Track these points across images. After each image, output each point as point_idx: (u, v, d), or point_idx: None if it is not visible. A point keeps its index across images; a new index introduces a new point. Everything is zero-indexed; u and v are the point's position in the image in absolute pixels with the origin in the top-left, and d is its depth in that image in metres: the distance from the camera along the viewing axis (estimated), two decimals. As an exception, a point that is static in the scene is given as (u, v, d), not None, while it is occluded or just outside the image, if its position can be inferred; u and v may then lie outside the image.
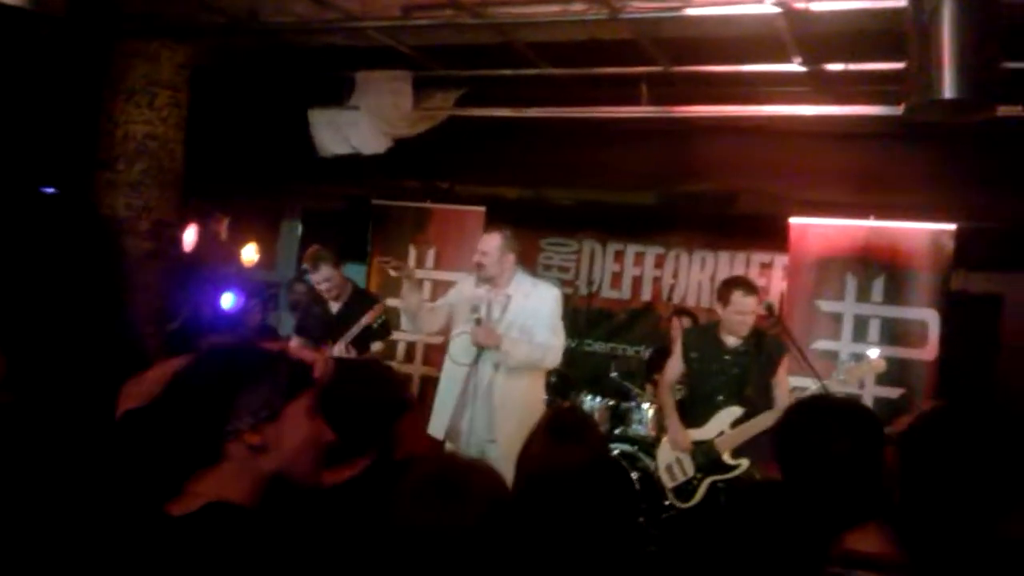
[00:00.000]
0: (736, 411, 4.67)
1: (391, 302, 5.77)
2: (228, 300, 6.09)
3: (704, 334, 4.98)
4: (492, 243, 4.41)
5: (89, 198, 5.48)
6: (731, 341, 4.74)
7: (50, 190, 5.28)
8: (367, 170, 6.67)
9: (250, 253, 7.30)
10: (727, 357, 4.76)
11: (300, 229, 8.80)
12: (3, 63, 5.84)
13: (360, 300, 5.39)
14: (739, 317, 4.65)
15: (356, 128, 6.26)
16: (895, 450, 1.78)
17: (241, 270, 7.17)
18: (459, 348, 4.45)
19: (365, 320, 5.04)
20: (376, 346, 5.35)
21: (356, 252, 7.66)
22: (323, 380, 1.60)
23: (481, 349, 4.30)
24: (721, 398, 4.74)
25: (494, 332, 4.27)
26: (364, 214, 7.45)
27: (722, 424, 4.70)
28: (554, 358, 4.42)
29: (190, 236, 6.11)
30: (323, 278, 5.21)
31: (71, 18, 3.06)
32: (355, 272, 7.88)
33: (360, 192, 7.53)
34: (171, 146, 5.67)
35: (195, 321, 5.84)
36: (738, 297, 4.65)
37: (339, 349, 5.02)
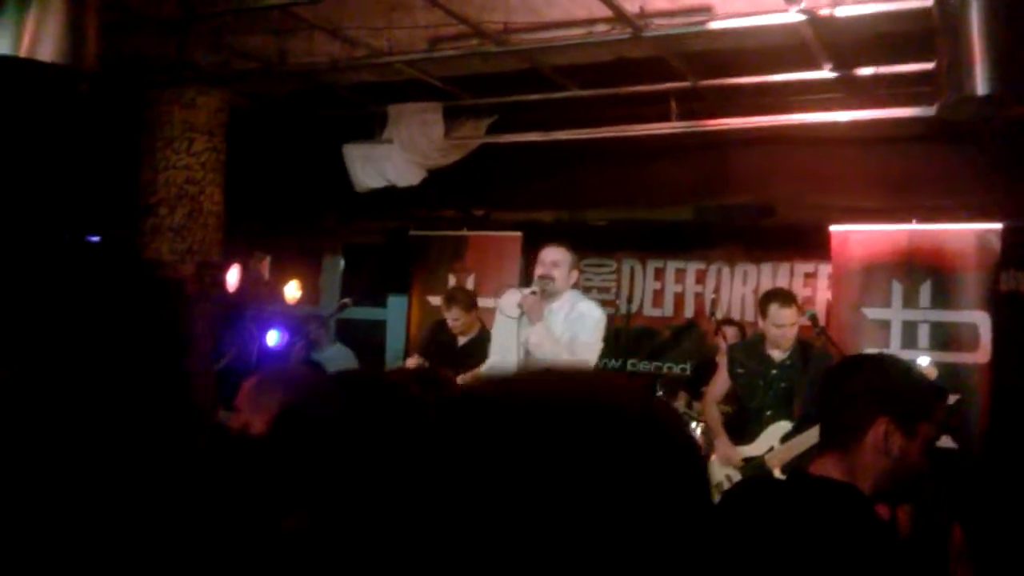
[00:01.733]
0: (785, 426, 4.59)
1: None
2: (273, 337, 6.18)
3: (750, 349, 4.92)
4: (563, 255, 4.27)
5: (133, 244, 5.62)
6: (777, 355, 4.67)
7: (95, 238, 5.42)
8: (404, 202, 6.74)
9: (292, 290, 7.40)
10: (774, 371, 4.69)
11: (342, 264, 8.91)
12: (47, 118, 6.05)
13: (485, 341, 5.45)
14: (777, 330, 4.60)
15: (390, 161, 6.35)
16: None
17: (285, 307, 7.26)
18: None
19: None
20: None
21: (398, 284, 7.73)
22: None
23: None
24: (769, 413, 4.66)
25: (541, 308, 4.17)
26: (404, 246, 7.52)
27: (772, 439, 4.63)
28: None
29: (233, 276, 6.21)
30: (453, 317, 5.67)
31: (106, 71, 3.17)
32: (397, 304, 7.95)
33: (398, 224, 7.61)
34: (211, 189, 5.79)
35: (241, 359, 5.93)
36: (774, 310, 4.60)
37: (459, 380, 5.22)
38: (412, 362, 5.63)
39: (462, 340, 5.71)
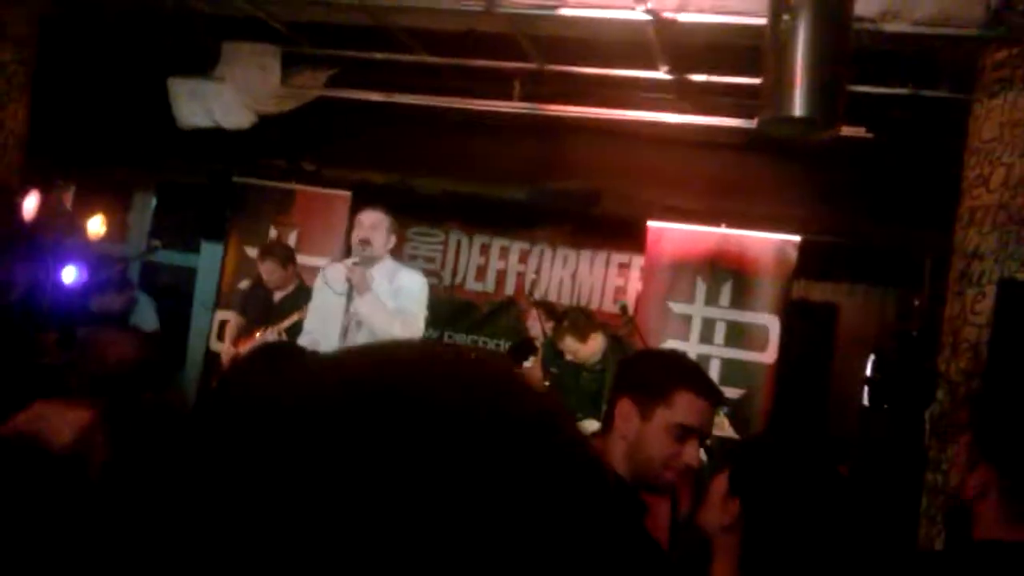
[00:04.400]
0: (593, 425, 4.78)
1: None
2: (70, 274, 5.75)
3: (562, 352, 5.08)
4: (381, 219, 4.17)
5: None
6: (590, 361, 4.86)
7: None
8: (230, 145, 6.45)
9: (96, 225, 6.90)
10: (586, 374, 4.87)
11: (154, 202, 8.40)
12: None
13: (303, 295, 5.47)
14: (569, 357, 4.83)
15: (219, 100, 6.04)
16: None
17: (87, 243, 6.77)
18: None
19: (299, 315, 5.11)
20: None
21: (214, 230, 7.37)
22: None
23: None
24: (580, 415, 4.83)
25: (367, 278, 4.07)
26: (224, 191, 7.19)
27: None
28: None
29: (31, 203, 5.72)
30: (267, 271, 5.59)
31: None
32: (211, 252, 7.60)
33: (221, 168, 7.25)
34: (14, 107, 5.30)
35: (34, 294, 5.48)
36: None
37: (272, 334, 5.25)
38: (232, 320, 5.68)
39: (278, 295, 5.62)
